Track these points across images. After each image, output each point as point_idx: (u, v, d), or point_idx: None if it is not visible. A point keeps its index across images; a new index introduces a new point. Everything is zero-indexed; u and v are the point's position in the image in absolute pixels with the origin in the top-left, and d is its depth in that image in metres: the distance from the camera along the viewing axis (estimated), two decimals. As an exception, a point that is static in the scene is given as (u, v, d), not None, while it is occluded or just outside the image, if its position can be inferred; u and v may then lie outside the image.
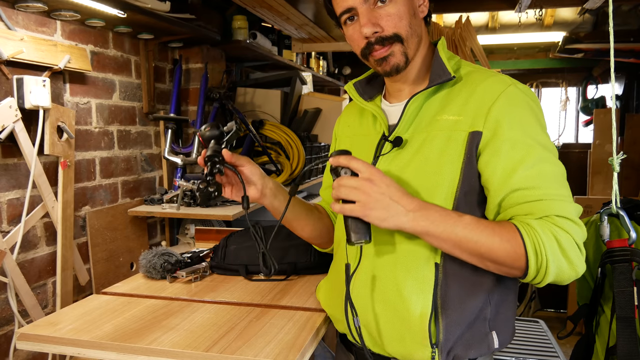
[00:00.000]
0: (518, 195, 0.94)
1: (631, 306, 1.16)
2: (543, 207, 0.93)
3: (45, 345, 1.10)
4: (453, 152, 0.98)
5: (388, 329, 1.01)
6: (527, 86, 1.04)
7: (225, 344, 1.05)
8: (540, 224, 0.92)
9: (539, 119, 1.00)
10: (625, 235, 1.24)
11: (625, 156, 1.28)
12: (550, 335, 3.15)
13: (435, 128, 1.01)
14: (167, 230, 2.50)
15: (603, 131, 4.46)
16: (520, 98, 0.99)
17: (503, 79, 1.02)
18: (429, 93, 1.04)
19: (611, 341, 1.22)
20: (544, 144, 0.97)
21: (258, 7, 2.41)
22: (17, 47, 1.59)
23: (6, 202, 1.64)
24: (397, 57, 1.03)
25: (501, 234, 0.92)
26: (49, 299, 1.81)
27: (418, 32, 1.05)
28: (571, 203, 0.94)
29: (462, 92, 1.02)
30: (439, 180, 0.98)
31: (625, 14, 3.91)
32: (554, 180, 0.95)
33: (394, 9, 1.00)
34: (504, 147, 0.95)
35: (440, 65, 1.04)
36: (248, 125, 2.73)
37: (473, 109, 0.99)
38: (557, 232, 0.91)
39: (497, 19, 4.37)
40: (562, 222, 0.92)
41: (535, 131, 0.97)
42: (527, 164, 0.94)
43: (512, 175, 0.94)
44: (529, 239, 0.91)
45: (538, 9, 3.07)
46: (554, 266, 0.91)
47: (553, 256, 0.90)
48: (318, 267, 1.52)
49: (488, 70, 1.06)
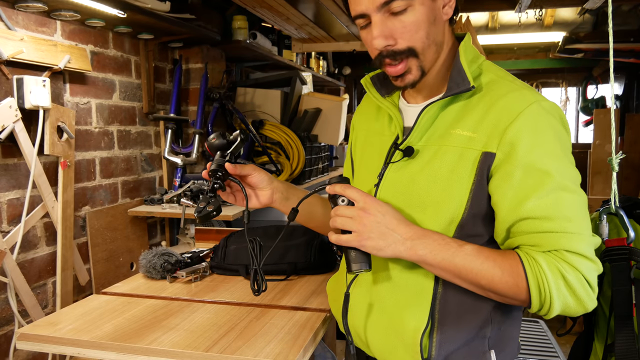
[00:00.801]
0: (528, 224, 0.89)
1: (629, 305, 1.16)
2: (552, 241, 0.87)
3: (45, 345, 1.10)
4: (464, 170, 0.92)
5: (381, 339, 1.00)
6: (554, 103, 0.94)
7: (225, 344, 1.05)
8: (547, 259, 0.87)
9: (561, 142, 0.90)
10: (624, 234, 1.24)
11: (625, 156, 1.28)
12: (550, 335, 3.15)
13: (448, 142, 0.94)
14: (167, 230, 2.50)
15: (603, 131, 4.46)
16: (542, 118, 0.90)
17: (525, 95, 0.91)
18: (445, 102, 0.96)
19: (609, 339, 1.22)
20: (562, 171, 0.89)
21: (258, 7, 2.41)
22: (17, 47, 1.59)
23: (6, 202, 1.64)
24: (413, 74, 0.95)
25: (503, 266, 0.89)
26: (49, 299, 1.81)
27: (438, 40, 0.95)
28: (585, 237, 0.88)
29: (480, 106, 0.93)
30: (446, 198, 0.93)
31: (625, 14, 3.91)
32: (569, 211, 0.88)
33: (412, 18, 0.90)
34: (517, 172, 0.88)
35: (460, 72, 0.94)
36: (248, 125, 2.73)
37: (489, 127, 0.91)
38: (565, 268, 0.86)
39: (497, 19, 4.37)
40: (572, 258, 0.87)
41: (554, 157, 0.89)
42: (540, 192, 0.87)
43: (524, 203, 0.88)
44: (532, 274, 0.87)
45: (538, 9, 3.08)
46: (558, 302, 0.87)
47: (558, 292, 0.86)
48: (318, 267, 1.52)
49: (512, 82, 0.96)
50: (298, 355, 1.01)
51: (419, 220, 0.96)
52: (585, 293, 0.87)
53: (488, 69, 0.99)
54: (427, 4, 0.90)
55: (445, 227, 0.94)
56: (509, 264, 0.89)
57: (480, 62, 0.99)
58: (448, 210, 0.93)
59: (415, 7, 0.89)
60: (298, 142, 2.86)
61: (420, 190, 0.96)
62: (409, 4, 0.89)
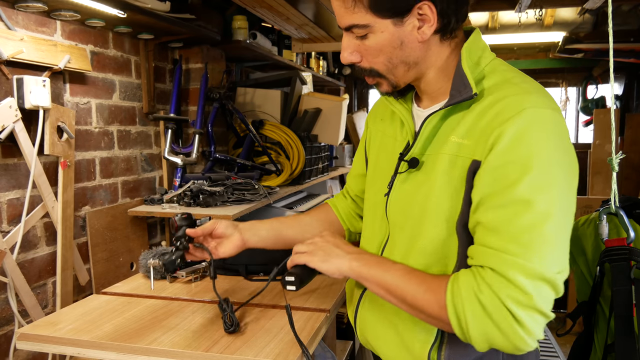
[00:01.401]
0: (479, 232, 0.85)
1: (629, 305, 1.16)
2: (486, 256, 0.82)
3: (45, 345, 1.10)
4: (455, 180, 0.89)
5: (391, 351, 1.01)
6: (554, 112, 0.85)
7: (225, 344, 1.05)
8: (467, 279, 0.83)
9: (544, 156, 0.80)
10: (624, 234, 1.24)
11: (624, 156, 1.28)
12: (550, 335, 3.15)
13: (444, 150, 0.91)
14: (167, 230, 2.50)
15: (603, 131, 4.46)
16: (530, 126, 0.82)
17: (522, 100, 0.84)
18: (446, 112, 0.93)
19: (609, 339, 1.22)
20: (533, 186, 0.79)
21: (258, 7, 2.41)
22: (17, 47, 1.59)
23: (6, 202, 1.64)
24: (384, 87, 0.98)
25: (429, 285, 0.88)
26: (49, 299, 1.81)
27: (410, 60, 0.93)
28: (527, 267, 0.77)
29: (476, 111, 0.89)
30: (440, 209, 0.91)
31: (625, 14, 3.91)
32: (522, 233, 0.79)
33: (372, 43, 0.91)
34: (486, 176, 0.84)
35: (462, 79, 0.90)
36: (248, 125, 2.73)
37: (478, 134, 0.87)
38: (480, 288, 0.80)
39: (497, 19, 4.37)
40: (494, 279, 0.79)
41: (527, 169, 0.80)
42: (500, 201, 0.81)
43: (480, 207, 0.85)
44: (450, 292, 0.83)
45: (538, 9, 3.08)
46: (474, 325, 0.80)
47: (472, 315, 0.80)
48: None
49: (517, 84, 0.90)
50: (298, 355, 1.01)
51: (418, 230, 0.95)
52: (507, 326, 0.78)
53: (495, 70, 0.94)
54: (390, 30, 0.89)
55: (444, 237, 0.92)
56: (435, 283, 0.87)
57: (487, 63, 0.94)
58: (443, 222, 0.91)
59: (376, 34, 0.90)
60: (298, 142, 2.86)
61: (419, 200, 0.95)
62: (369, 31, 0.90)
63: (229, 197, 2.21)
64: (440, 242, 0.92)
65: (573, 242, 1.45)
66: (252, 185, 2.31)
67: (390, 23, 0.89)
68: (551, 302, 0.81)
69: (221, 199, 2.19)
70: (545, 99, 0.86)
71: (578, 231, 1.38)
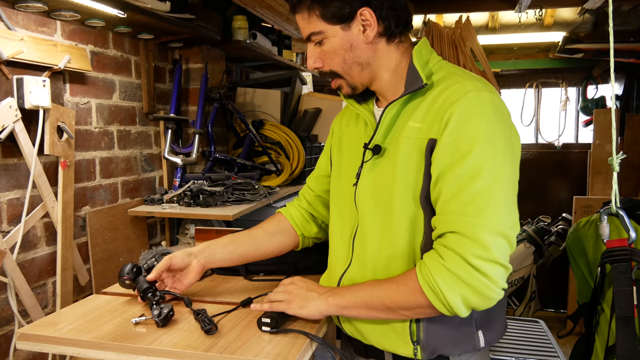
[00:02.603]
0: (440, 203, 0.97)
1: (630, 306, 1.16)
2: (447, 223, 0.94)
3: (45, 345, 1.10)
4: (416, 159, 1.02)
5: (374, 328, 1.09)
6: (494, 95, 1.01)
7: (225, 344, 1.05)
8: (428, 256, 0.96)
9: (491, 130, 0.96)
10: (624, 234, 1.24)
11: (625, 156, 1.28)
12: (550, 335, 3.15)
13: (405, 135, 1.05)
14: (167, 230, 2.50)
15: (603, 131, 4.45)
16: (476, 105, 0.97)
17: (466, 85, 1.00)
18: (403, 101, 1.07)
19: (610, 340, 1.22)
20: (485, 155, 0.94)
21: (258, 7, 2.41)
22: (17, 47, 1.59)
23: (6, 202, 1.64)
24: (345, 89, 1.12)
25: (399, 280, 0.99)
26: (49, 299, 1.81)
27: (362, 60, 1.07)
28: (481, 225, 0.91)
29: (428, 99, 1.04)
30: (405, 187, 1.03)
31: (625, 14, 3.91)
32: (475, 196, 0.92)
33: (327, 48, 1.07)
34: (441, 151, 0.98)
35: (414, 74, 1.05)
36: (248, 125, 2.73)
37: (432, 116, 1.01)
38: (443, 254, 0.92)
39: (497, 19, 4.37)
40: (452, 240, 0.92)
41: (476, 140, 0.95)
42: (455, 171, 0.95)
43: (439, 180, 0.97)
44: (421, 275, 0.95)
45: (538, 9, 3.07)
46: (452, 297, 0.91)
47: (446, 286, 0.92)
48: (318, 267, 1.52)
49: (460, 75, 1.05)
50: (298, 355, 1.01)
51: (387, 211, 1.05)
52: (476, 280, 0.90)
53: (441, 67, 1.09)
54: (340, 35, 1.05)
55: (411, 213, 1.02)
56: (405, 276, 0.99)
57: (435, 63, 1.10)
58: (410, 199, 1.02)
59: (330, 39, 1.06)
60: (298, 142, 2.86)
61: (386, 183, 1.06)
62: (324, 37, 1.06)
63: (229, 197, 2.21)
64: (409, 218, 1.02)
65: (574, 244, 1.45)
66: (252, 185, 2.31)
67: (340, 28, 1.05)
68: (507, 255, 0.93)
69: (221, 199, 2.18)
70: (483, 84, 1.02)
71: (579, 232, 1.38)
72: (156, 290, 1.23)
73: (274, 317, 1.10)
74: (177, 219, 2.47)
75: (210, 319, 1.13)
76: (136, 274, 1.28)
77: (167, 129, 2.42)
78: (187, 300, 1.23)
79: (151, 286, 1.23)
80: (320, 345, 1.10)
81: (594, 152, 4.48)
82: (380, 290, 1.01)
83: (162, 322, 1.13)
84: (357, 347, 1.19)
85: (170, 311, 1.15)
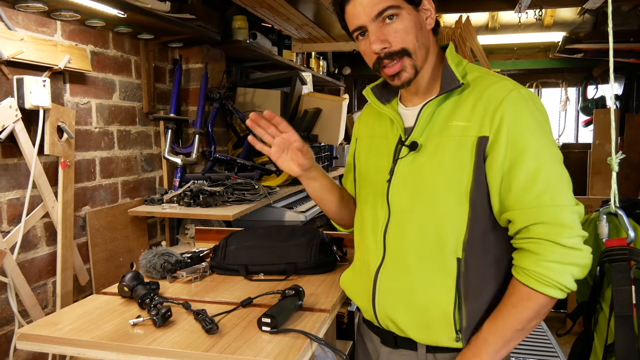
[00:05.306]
0: (512, 197, 1.02)
1: (629, 305, 1.16)
2: (530, 216, 1.00)
3: (45, 345, 1.10)
4: (464, 156, 1.06)
5: (414, 320, 1.11)
6: (529, 91, 1.09)
7: (225, 344, 1.05)
8: (523, 260, 1.01)
9: (539, 123, 1.05)
10: (623, 234, 1.24)
11: (624, 156, 1.28)
12: (550, 335, 3.15)
13: (447, 134, 1.08)
14: (167, 230, 2.50)
15: (603, 131, 4.46)
16: (521, 102, 1.04)
17: (506, 84, 1.07)
18: (440, 100, 1.11)
19: (609, 339, 1.22)
20: (541, 145, 1.02)
21: (258, 7, 2.41)
22: (17, 47, 1.59)
23: (6, 202, 1.64)
24: (407, 72, 1.10)
25: (509, 302, 1.03)
26: (49, 299, 1.81)
27: (426, 44, 1.11)
28: (559, 208, 0.99)
29: (470, 98, 1.08)
30: (452, 183, 1.07)
31: (625, 14, 3.91)
32: (546, 184, 1.00)
33: (401, 25, 1.07)
34: (502, 149, 1.03)
35: (450, 73, 1.10)
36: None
37: (480, 115, 1.06)
38: (541, 252, 0.98)
39: (497, 19, 4.37)
40: (547, 231, 0.98)
41: (532, 133, 1.03)
42: (522, 166, 1.01)
43: (506, 176, 1.03)
44: (529, 279, 1.00)
45: (538, 9, 3.08)
46: (565, 280, 0.98)
47: (557, 275, 0.98)
48: (318, 267, 1.52)
49: (493, 76, 1.12)
50: (298, 355, 1.01)
51: (430, 206, 1.08)
52: (573, 258, 0.98)
53: (472, 69, 1.15)
54: (413, 14, 1.08)
55: (456, 208, 1.06)
56: (511, 295, 1.03)
57: (465, 65, 1.16)
58: (455, 194, 1.06)
59: (404, 16, 1.07)
60: (298, 142, 2.85)
61: (428, 179, 1.09)
62: (398, 13, 1.06)
63: (229, 197, 2.21)
64: (455, 213, 1.06)
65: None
66: (252, 185, 2.31)
67: (412, 8, 1.08)
68: (581, 226, 1.01)
69: (221, 199, 2.18)
70: (515, 83, 1.10)
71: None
72: (154, 296, 1.24)
73: (274, 317, 1.10)
74: (177, 219, 2.48)
75: (211, 319, 1.13)
76: (136, 283, 1.29)
77: (167, 129, 2.42)
78: (186, 304, 1.23)
79: (149, 292, 1.24)
80: (320, 345, 1.10)
81: (594, 152, 4.48)
82: (503, 322, 1.04)
83: (160, 320, 1.13)
84: (387, 339, 1.19)
85: (167, 311, 1.15)
